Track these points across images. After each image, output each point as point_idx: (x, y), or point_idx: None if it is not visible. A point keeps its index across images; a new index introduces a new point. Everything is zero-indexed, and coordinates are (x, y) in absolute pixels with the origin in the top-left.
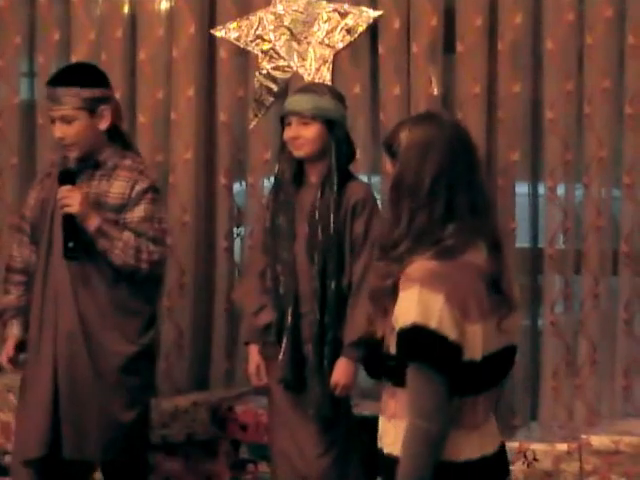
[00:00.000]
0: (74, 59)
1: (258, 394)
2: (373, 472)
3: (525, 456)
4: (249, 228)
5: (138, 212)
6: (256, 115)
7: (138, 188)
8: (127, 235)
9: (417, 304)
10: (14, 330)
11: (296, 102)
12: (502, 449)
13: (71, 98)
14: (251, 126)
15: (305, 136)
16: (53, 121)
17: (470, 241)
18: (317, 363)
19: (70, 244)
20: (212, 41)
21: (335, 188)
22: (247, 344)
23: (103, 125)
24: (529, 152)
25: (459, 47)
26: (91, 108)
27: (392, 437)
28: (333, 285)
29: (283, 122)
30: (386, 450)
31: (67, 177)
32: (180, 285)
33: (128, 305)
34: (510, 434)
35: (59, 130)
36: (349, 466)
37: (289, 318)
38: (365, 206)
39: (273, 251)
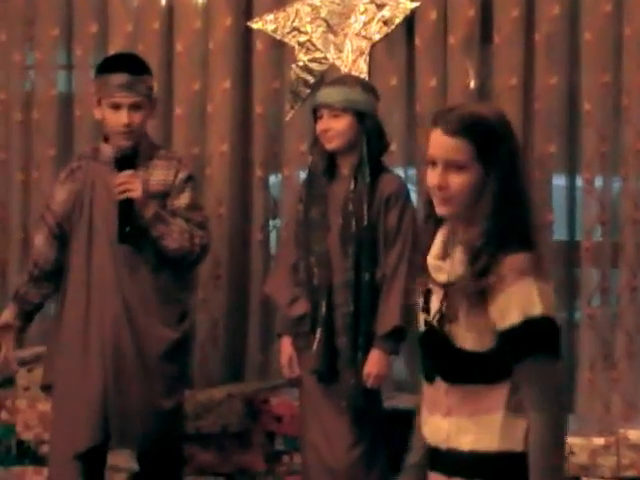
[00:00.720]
0: (111, 51)
1: (293, 386)
2: (399, 465)
3: None
4: (284, 220)
5: (184, 199)
6: (292, 107)
7: (181, 176)
8: (179, 220)
9: (539, 296)
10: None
11: (327, 95)
12: None
13: (142, 85)
14: (287, 118)
15: (336, 128)
16: (117, 107)
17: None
18: (350, 354)
19: (127, 229)
20: (248, 33)
21: (367, 180)
22: (279, 336)
23: (154, 114)
24: (566, 144)
25: (496, 38)
26: (151, 96)
27: (474, 434)
28: (367, 277)
29: (315, 115)
30: (466, 448)
31: (126, 162)
32: (215, 277)
33: (169, 292)
34: None
35: (128, 117)
36: (377, 459)
37: (323, 309)
38: (398, 198)
39: (306, 243)
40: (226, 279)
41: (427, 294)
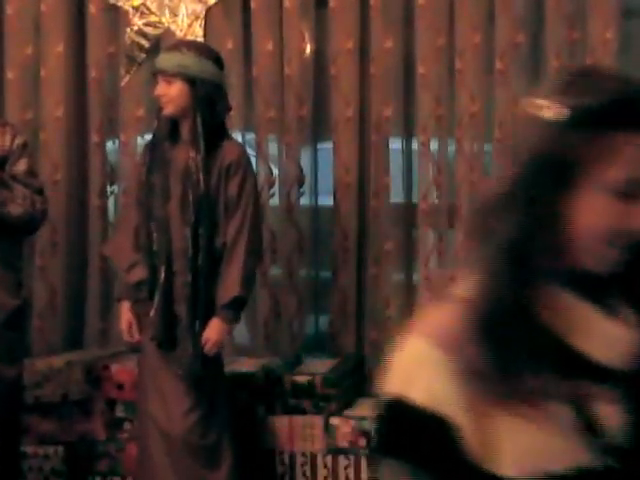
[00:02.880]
0: None
1: (133, 352)
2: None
3: None
4: (122, 186)
5: (22, 165)
6: (128, 72)
7: (18, 142)
8: (20, 186)
9: None
10: None
11: (161, 60)
12: None
13: None
14: (123, 83)
15: (169, 94)
16: None
17: None
18: (189, 322)
19: None
20: None
21: (202, 147)
22: (119, 300)
23: None
24: (402, 108)
25: (331, 2)
26: None
27: None
28: (205, 246)
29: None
30: None
31: None
32: (53, 244)
33: (9, 259)
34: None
35: None
36: (214, 424)
37: (162, 276)
38: (239, 167)
39: (147, 208)
40: (64, 246)
41: (580, 403)
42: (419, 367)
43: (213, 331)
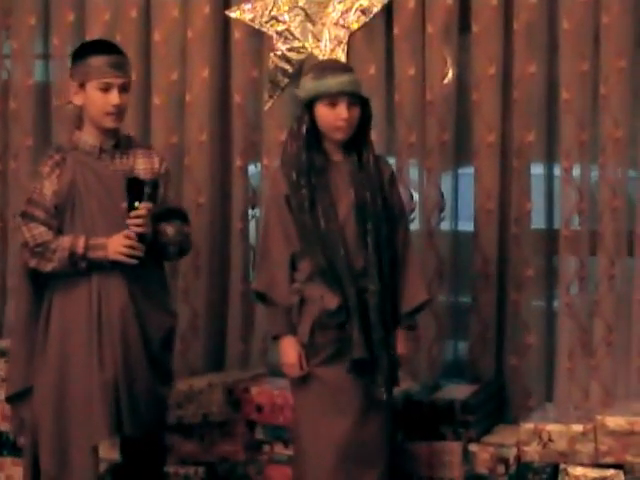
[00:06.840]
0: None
1: (273, 375)
2: None
3: (540, 437)
4: (267, 212)
5: (171, 190)
6: (271, 96)
7: (165, 165)
8: (173, 229)
9: None
10: None
11: (345, 82)
12: None
13: (128, 67)
14: (266, 107)
15: (355, 117)
16: (107, 88)
17: None
18: (383, 337)
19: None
20: (227, 22)
21: (372, 162)
22: (281, 337)
23: None
24: (544, 133)
25: (474, 27)
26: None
27: None
28: (386, 255)
29: (311, 103)
30: None
31: (137, 187)
32: (195, 267)
33: (165, 280)
34: (525, 415)
35: (118, 98)
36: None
37: (354, 296)
38: (395, 177)
39: (316, 234)
40: (206, 268)
41: None
42: None
43: (404, 344)
